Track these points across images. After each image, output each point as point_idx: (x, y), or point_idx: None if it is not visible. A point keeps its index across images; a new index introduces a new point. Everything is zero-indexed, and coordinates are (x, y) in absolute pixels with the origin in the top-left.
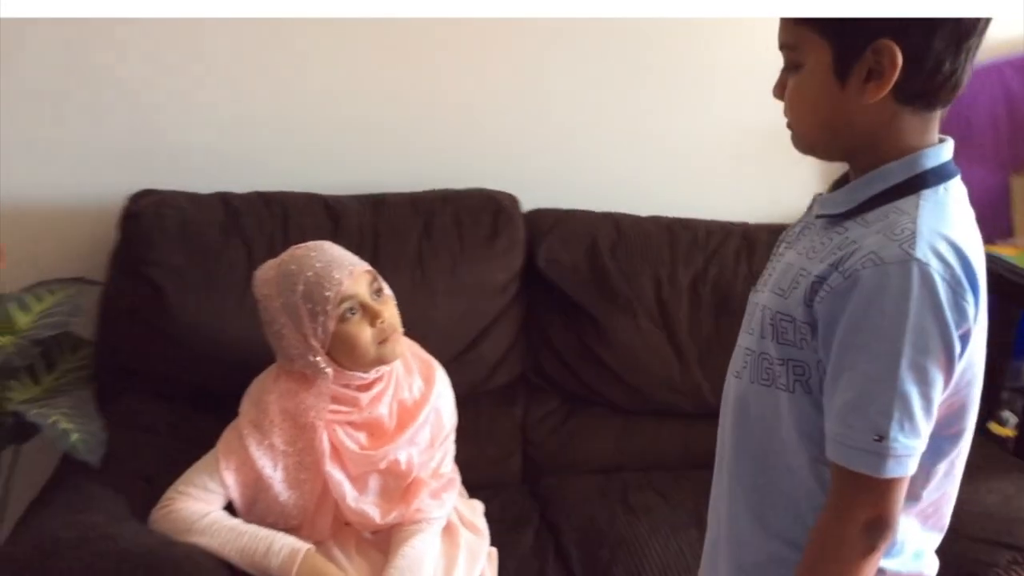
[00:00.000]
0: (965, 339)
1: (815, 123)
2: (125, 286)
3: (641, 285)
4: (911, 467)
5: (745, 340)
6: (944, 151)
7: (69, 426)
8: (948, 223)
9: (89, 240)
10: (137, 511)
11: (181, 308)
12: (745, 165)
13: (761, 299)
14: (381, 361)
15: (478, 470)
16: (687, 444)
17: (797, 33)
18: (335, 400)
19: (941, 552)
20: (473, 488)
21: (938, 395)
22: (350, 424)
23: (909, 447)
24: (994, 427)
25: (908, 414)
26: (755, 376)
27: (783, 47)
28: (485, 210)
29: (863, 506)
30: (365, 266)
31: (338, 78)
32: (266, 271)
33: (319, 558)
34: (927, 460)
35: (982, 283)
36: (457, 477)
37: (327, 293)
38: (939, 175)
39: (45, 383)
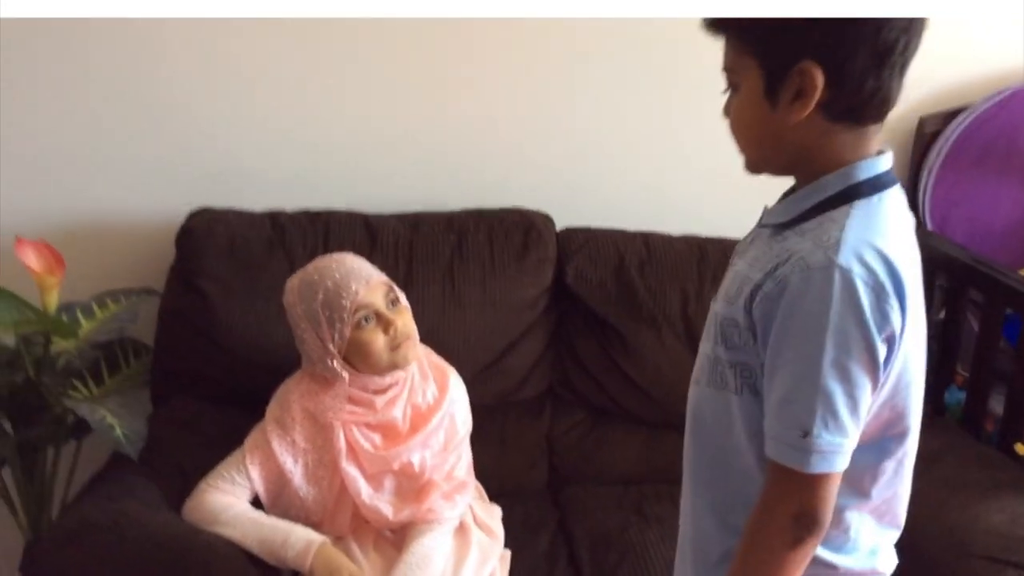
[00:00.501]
0: (891, 342)
1: (753, 141)
2: (178, 296)
3: (668, 301)
4: (838, 464)
5: (704, 347)
6: (880, 163)
7: (115, 422)
8: (877, 231)
9: (160, 253)
10: (172, 502)
11: (226, 316)
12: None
13: (715, 307)
14: (394, 366)
15: (504, 478)
16: None
17: (734, 56)
18: (352, 401)
19: (946, 569)
20: (498, 495)
21: (865, 396)
22: (366, 425)
23: (834, 444)
24: (1020, 448)
25: (832, 412)
26: (710, 380)
27: (724, 70)
28: (516, 228)
29: (791, 499)
30: (382, 277)
31: (386, 103)
32: (292, 280)
33: (333, 550)
34: (873, 459)
35: (912, 289)
36: (471, 481)
37: (344, 302)
38: (873, 186)
39: (108, 385)
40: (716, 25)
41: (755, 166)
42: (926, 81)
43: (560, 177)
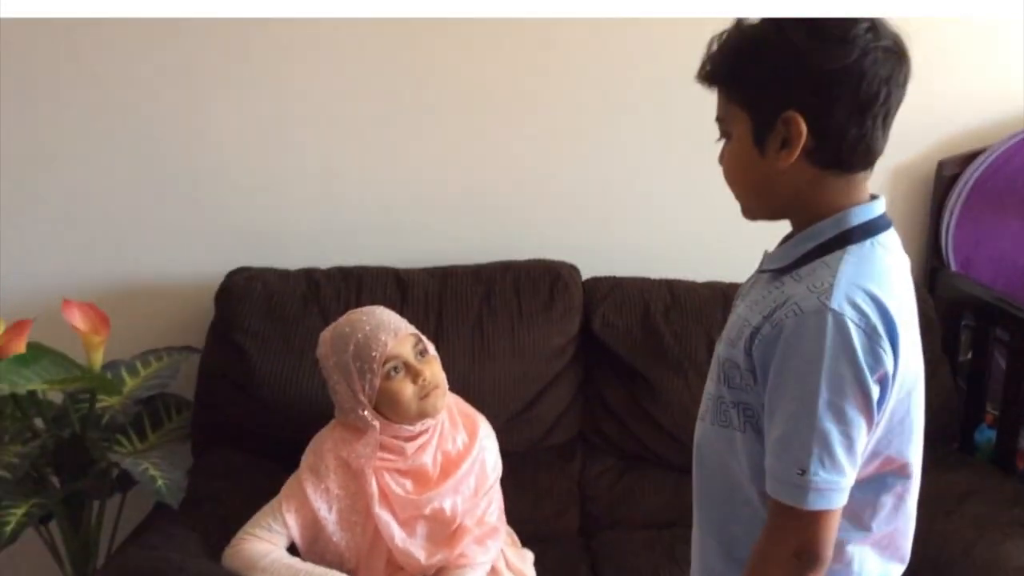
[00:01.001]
0: (884, 382)
1: (745, 187)
2: (218, 351)
3: (694, 346)
4: (836, 501)
5: (708, 386)
6: (874, 208)
7: (156, 473)
8: (869, 276)
9: (199, 313)
10: (211, 550)
11: (263, 370)
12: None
13: (719, 348)
14: (423, 415)
15: (536, 524)
16: None
17: (725, 106)
18: (383, 449)
19: None
20: (531, 541)
21: (861, 435)
22: (397, 471)
23: (831, 482)
24: None
25: (828, 451)
26: (715, 419)
27: (717, 119)
28: (543, 278)
29: (791, 535)
30: (410, 329)
31: (413, 163)
32: (325, 333)
33: None
34: (871, 494)
35: (904, 331)
36: (503, 526)
37: (374, 353)
38: (866, 230)
39: (151, 439)
40: (706, 78)
41: (751, 212)
42: (944, 124)
43: (585, 228)
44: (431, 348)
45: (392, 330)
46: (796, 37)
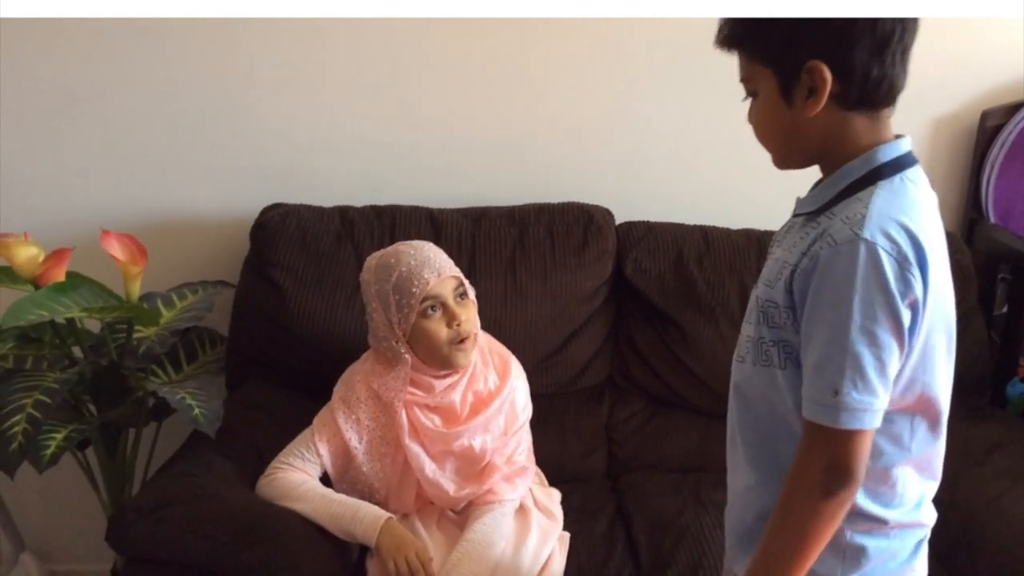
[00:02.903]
0: (915, 308)
1: (777, 140)
2: (252, 286)
3: (726, 293)
4: (867, 421)
5: (746, 329)
6: (900, 145)
7: (193, 402)
8: (900, 207)
9: (235, 249)
10: (246, 479)
11: (296, 305)
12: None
13: (756, 292)
14: (450, 363)
15: (564, 465)
16: None
17: (749, 67)
18: (412, 384)
19: (1007, 556)
20: (558, 481)
21: (893, 358)
22: (426, 407)
23: (864, 402)
24: None
25: (860, 373)
26: (756, 359)
27: (741, 80)
28: (577, 222)
29: (822, 453)
30: (455, 271)
31: (449, 104)
32: (371, 259)
33: (399, 526)
34: (908, 419)
35: (934, 260)
36: (532, 466)
37: (414, 289)
38: (895, 167)
39: (186, 371)
40: (725, 43)
41: (783, 162)
42: (988, 75)
43: (620, 172)
44: (471, 293)
45: (436, 269)
46: None
